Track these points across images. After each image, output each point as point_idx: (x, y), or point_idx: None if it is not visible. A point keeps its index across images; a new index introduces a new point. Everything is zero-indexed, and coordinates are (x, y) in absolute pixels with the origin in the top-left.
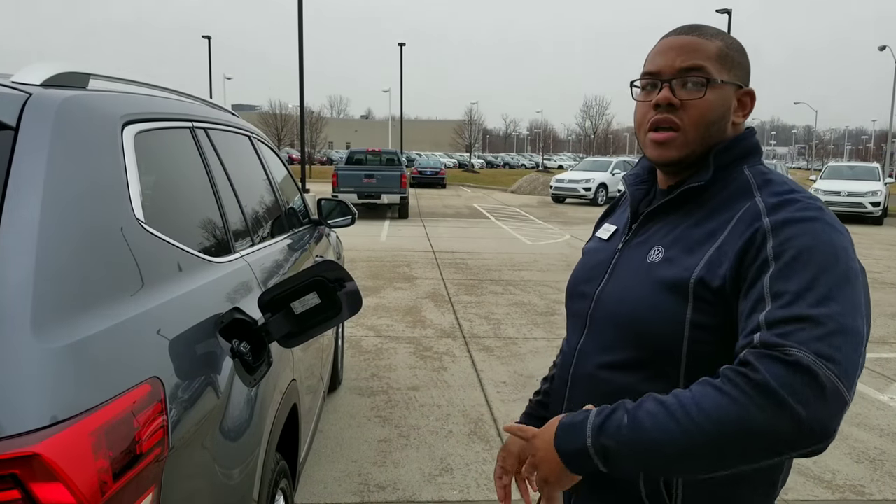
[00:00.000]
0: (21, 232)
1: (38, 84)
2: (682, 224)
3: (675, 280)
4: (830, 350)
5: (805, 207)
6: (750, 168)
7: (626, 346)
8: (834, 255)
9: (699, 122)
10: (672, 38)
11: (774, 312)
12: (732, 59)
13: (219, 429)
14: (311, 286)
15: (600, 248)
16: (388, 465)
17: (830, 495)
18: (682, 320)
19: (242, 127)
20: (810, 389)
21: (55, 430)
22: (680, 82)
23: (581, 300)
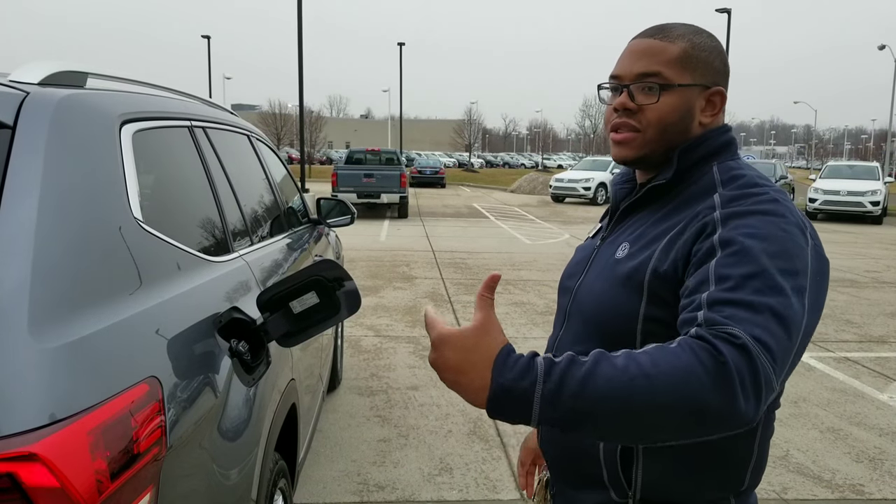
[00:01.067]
0: (18, 231)
1: (35, 83)
2: (648, 221)
3: (630, 274)
4: (767, 337)
5: (759, 201)
6: (719, 165)
7: (591, 339)
8: (781, 245)
9: (656, 125)
10: (635, 42)
11: (716, 294)
12: (697, 59)
13: (217, 428)
14: (310, 285)
15: (585, 245)
16: (387, 464)
17: (830, 494)
18: (635, 314)
19: (241, 126)
20: (753, 384)
21: (52, 429)
22: (637, 87)
23: (564, 295)
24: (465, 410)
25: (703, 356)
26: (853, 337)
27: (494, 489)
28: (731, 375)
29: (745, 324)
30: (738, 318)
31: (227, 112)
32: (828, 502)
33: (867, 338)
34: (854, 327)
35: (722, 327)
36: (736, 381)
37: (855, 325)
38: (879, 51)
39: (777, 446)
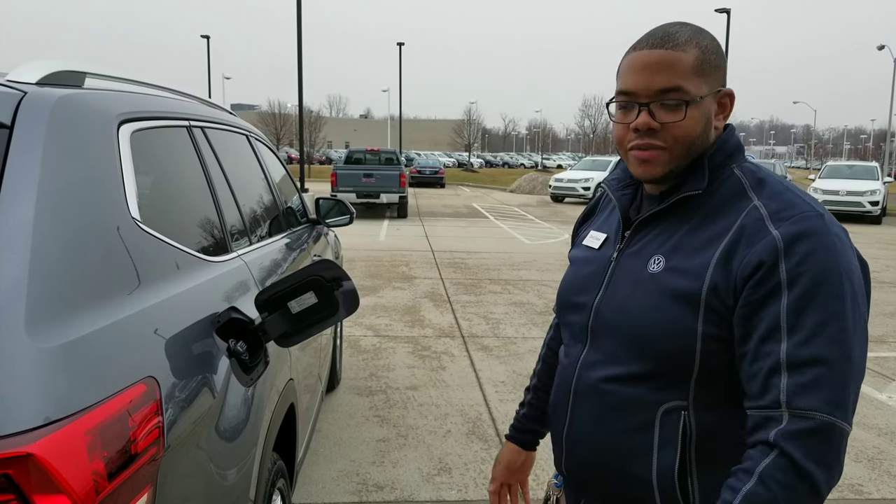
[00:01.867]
0: (16, 231)
1: (33, 82)
2: (679, 230)
3: (684, 290)
4: (843, 395)
5: (807, 216)
6: (739, 167)
7: (631, 357)
8: (845, 278)
9: (683, 142)
10: (646, 53)
11: (793, 351)
12: (710, 64)
13: (215, 428)
14: (308, 285)
15: (592, 257)
16: (386, 464)
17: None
18: (693, 331)
19: (240, 126)
20: (834, 454)
21: (49, 429)
22: (658, 104)
23: (577, 311)
24: (463, 410)
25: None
26: None
27: None
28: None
29: (825, 391)
30: (818, 388)
31: (225, 112)
32: (827, 502)
33: None
34: None
35: (802, 413)
36: (817, 476)
37: None
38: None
39: None
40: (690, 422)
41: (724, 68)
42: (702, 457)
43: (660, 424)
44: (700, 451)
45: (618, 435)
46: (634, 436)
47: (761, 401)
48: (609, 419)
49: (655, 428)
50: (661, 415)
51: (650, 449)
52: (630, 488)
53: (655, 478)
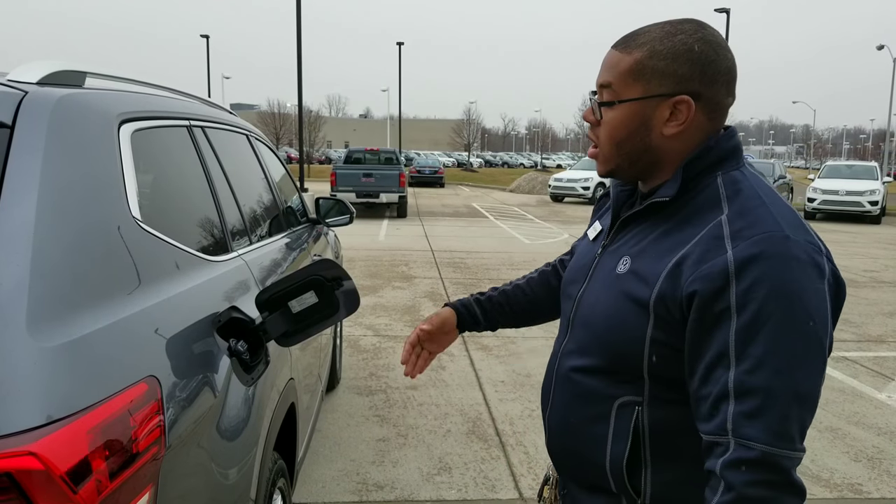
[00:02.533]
0: (17, 230)
1: (34, 82)
2: (650, 235)
3: (637, 295)
4: (786, 425)
5: (770, 237)
6: (723, 175)
7: (594, 351)
8: (799, 306)
9: (606, 141)
10: (607, 51)
11: (740, 379)
12: (652, 70)
13: (216, 428)
14: (309, 285)
15: (587, 249)
16: (386, 464)
17: (828, 494)
18: (641, 336)
19: (240, 126)
20: (779, 482)
21: (51, 429)
22: (594, 101)
23: (567, 301)
24: (463, 410)
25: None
26: (851, 336)
27: (493, 489)
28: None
29: (769, 423)
30: (763, 418)
31: (225, 111)
32: (826, 501)
33: (865, 337)
34: (852, 327)
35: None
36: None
37: (853, 324)
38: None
39: None
40: (643, 417)
41: (689, 73)
42: (656, 452)
43: (615, 417)
44: (654, 446)
45: (582, 422)
46: (594, 424)
47: (710, 425)
48: (576, 406)
49: (611, 419)
50: (617, 408)
51: (605, 439)
52: (591, 473)
53: (608, 466)
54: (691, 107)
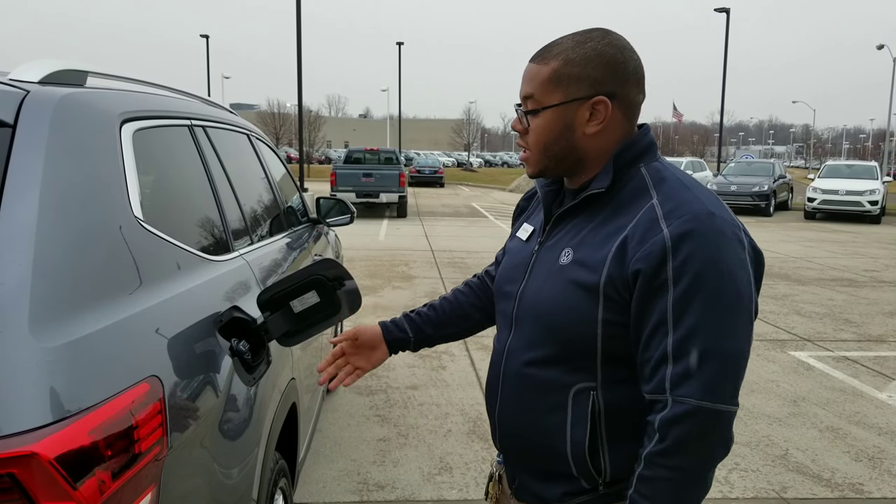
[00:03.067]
0: (18, 230)
1: (35, 81)
2: (588, 225)
3: (585, 281)
4: (718, 382)
5: (697, 216)
6: (646, 166)
7: (546, 342)
8: (724, 276)
9: (535, 145)
10: (527, 65)
11: (677, 343)
12: (569, 76)
13: (218, 428)
14: (311, 285)
15: (520, 248)
16: (387, 464)
17: (829, 493)
18: (594, 319)
19: (241, 125)
20: (709, 434)
21: (53, 429)
22: (521, 111)
23: (506, 299)
24: (464, 410)
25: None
26: (852, 336)
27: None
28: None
29: (706, 382)
30: (701, 377)
31: (226, 111)
32: (827, 501)
33: (866, 337)
34: (853, 326)
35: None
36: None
37: (854, 324)
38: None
39: (776, 445)
40: (599, 401)
41: (601, 76)
42: (611, 432)
43: (572, 404)
44: (609, 426)
45: (537, 413)
46: (550, 414)
47: (651, 385)
48: (529, 399)
49: (568, 407)
50: (573, 395)
51: (564, 426)
52: (550, 461)
53: (570, 452)
54: (608, 106)
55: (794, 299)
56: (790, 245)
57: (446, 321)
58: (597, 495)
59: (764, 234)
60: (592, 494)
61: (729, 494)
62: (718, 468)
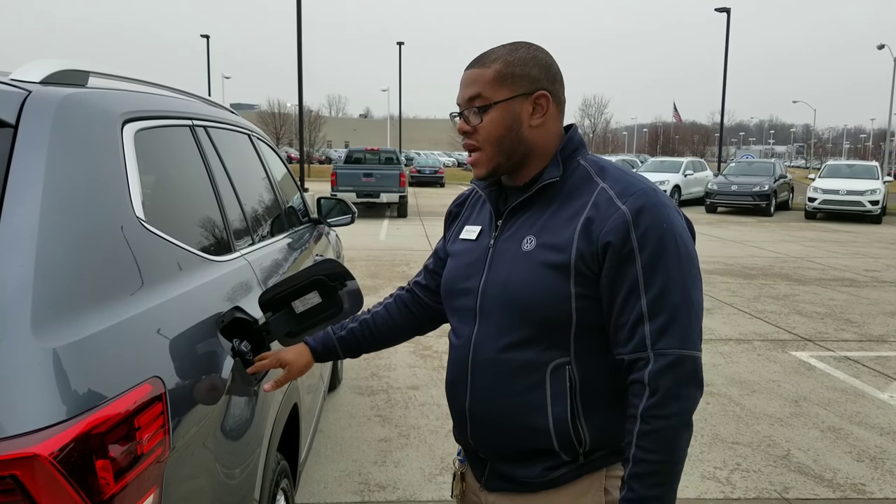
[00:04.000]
0: (20, 230)
1: (37, 81)
2: (544, 213)
3: (555, 261)
4: (690, 331)
5: (645, 192)
6: (583, 159)
7: (520, 326)
8: (678, 238)
9: (489, 140)
10: (465, 73)
11: (650, 303)
12: (512, 74)
13: (220, 429)
14: (312, 285)
15: (470, 247)
16: (388, 464)
17: (831, 494)
18: (567, 294)
19: (242, 125)
20: (692, 377)
21: (55, 430)
22: (469, 111)
23: (464, 296)
24: None
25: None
26: (853, 336)
27: None
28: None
29: (676, 334)
30: (672, 331)
31: (227, 111)
32: (829, 502)
33: (867, 337)
34: (854, 326)
35: (664, 351)
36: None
37: (855, 324)
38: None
39: (778, 445)
40: (574, 374)
41: (540, 75)
42: (586, 402)
43: (550, 381)
44: (584, 397)
45: (516, 396)
46: (530, 393)
47: (630, 346)
48: (506, 383)
49: (546, 384)
50: (550, 372)
51: (544, 403)
52: (530, 440)
53: (552, 427)
54: (549, 99)
55: (794, 299)
56: (791, 245)
57: (378, 339)
58: (576, 466)
59: (764, 234)
60: (572, 465)
61: (731, 495)
62: (720, 468)
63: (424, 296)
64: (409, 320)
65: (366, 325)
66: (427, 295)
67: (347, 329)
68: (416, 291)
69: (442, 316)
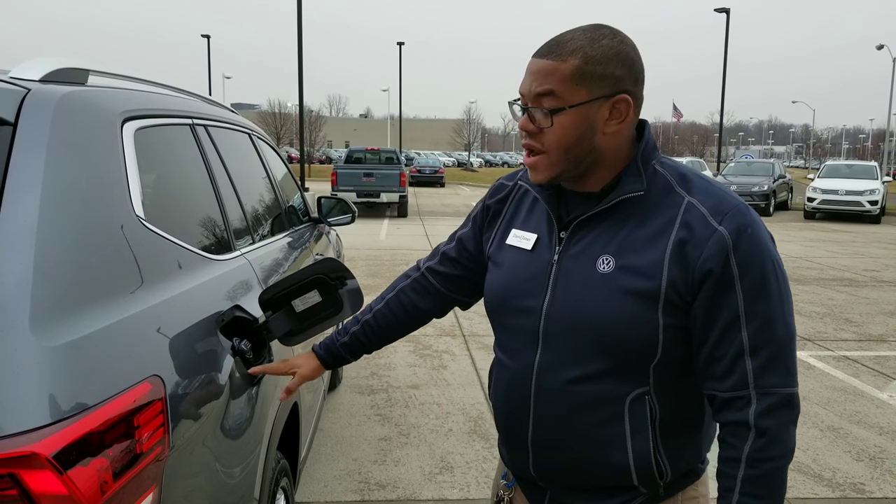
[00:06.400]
0: (20, 229)
1: (36, 79)
2: (621, 230)
3: (641, 288)
4: (793, 365)
5: (740, 210)
6: (659, 164)
7: (595, 356)
8: (776, 263)
9: (556, 147)
10: (534, 61)
11: (753, 336)
12: (592, 73)
13: (220, 427)
14: (312, 284)
15: (526, 259)
16: (388, 463)
17: (831, 493)
18: (654, 323)
19: (242, 124)
20: (796, 415)
21: (54, 429)
22: (536, 110)
23: (521, 315)
24: (465, 409)
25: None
26: (852, 336)
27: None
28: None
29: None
30: (776, 368)
31: (228, 110)
32: (829, 501)
33: (866, 336)
34: (853, 326)
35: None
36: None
37: (854, 323)
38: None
39: None
40: (654, 404)
41: (622, 74)
42: (665, 432)
43: (629, 414)
44: (663, 427)
45: (590, 429)
46: (606, 427)
47: (728, 383)
48: (578, 417)
49: (625, 418)
50: (629, 404)
51: (623, 438)
52: (609, 476)
53: (633, 462)
54: (630, 104)
55: (794, 299)
56: (790, 245)
57: (382, 337)
58: (654, 498)
59: None
60: (648, 497)
61: None
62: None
63: (439, 283)
64: (416, 314)
65: (368, 327)
66: (442, 282)
67: (350, 333)
68: (430, 278)
69: (452, 304)
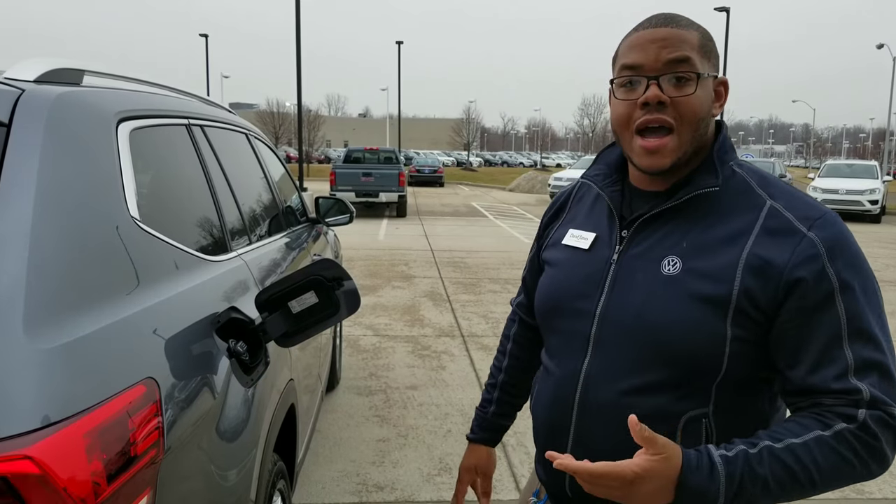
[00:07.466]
0: (14, 230)
1: (31, 80)
2: (691, 230)
3: (709, 293)
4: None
5: (831, 218)
6: (737, 165)
7: (651, 366)
8: (870, 274)
9: (692, 120)
10: (651, 31)
11: (859, 354)
12: (710, 49)
13: (215, 430)
14: (309, 285)
15: (582, 259)
16: (386, 464)
17: (831, 493)
18: (721, 334)
19: (239, 124)
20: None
21: (48, 431)
22: (668, 78)
23: (573, 318)
24: (464, 410)
25: (858, 448)
26: None
27: (494, 489)
28: (886, 459)
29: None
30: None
31: (225, 110)
32: (829, 501)
33: None
34: None
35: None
36: (890, 458)
37: None
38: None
39: None
40: (711, 428)
41: (718, 56)
42: None
43: (682, 436)
44: None
45: (637, 450)
46: None
47: (834, 399)
48: (626, 433)
49: (678, 440)
50: (684, 425)
51: None
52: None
53: None
54: (728, 89)
55: None
56: None
57: (523, 388)
58: None
59: None
60: None
61: None
62: None
63: (531, 318)
64: (538, 349)
65: (509, 387)
66: (532, 316)
67: (495, 402)
68: (522, 316)
69: None
